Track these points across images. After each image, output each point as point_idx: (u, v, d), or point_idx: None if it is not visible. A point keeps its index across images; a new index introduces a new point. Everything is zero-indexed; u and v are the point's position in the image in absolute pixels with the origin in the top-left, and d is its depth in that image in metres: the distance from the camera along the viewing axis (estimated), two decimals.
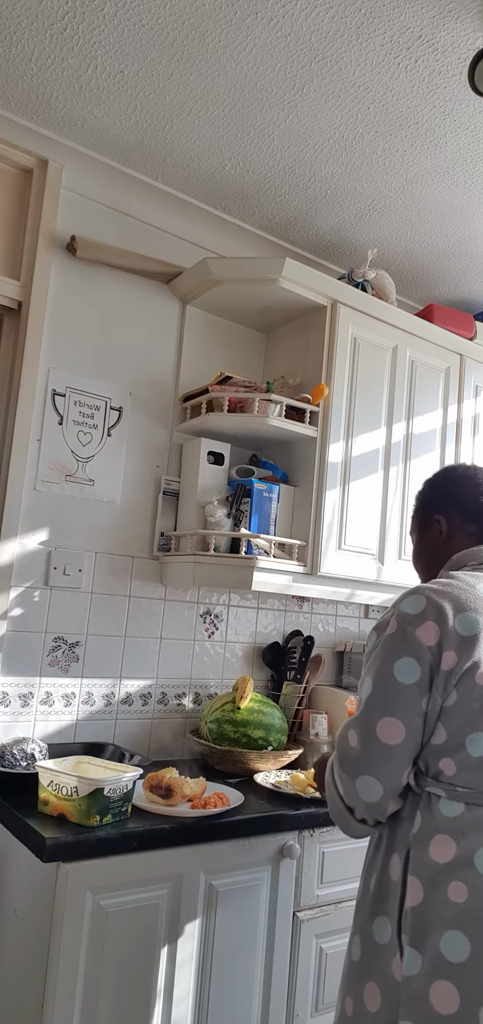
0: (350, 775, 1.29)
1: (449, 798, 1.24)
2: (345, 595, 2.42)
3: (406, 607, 1.30)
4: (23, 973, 1.61)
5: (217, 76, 1.91)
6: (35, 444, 2.21)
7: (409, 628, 1.26)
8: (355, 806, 1.30)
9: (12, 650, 2.14)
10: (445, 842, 1.22)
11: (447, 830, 1.23)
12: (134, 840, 1.60)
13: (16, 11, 1.76)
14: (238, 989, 1.77)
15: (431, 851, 1.23)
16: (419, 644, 1.24)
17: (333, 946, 1.94)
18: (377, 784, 1.26)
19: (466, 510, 1.50)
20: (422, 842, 1.24)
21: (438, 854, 1.22)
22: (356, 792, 1.28)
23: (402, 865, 1.27)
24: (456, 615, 1.26)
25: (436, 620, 1.26)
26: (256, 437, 2.46)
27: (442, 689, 1.23)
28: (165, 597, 2.45)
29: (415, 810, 1.28)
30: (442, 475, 1.60)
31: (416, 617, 1.27)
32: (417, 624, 1.26)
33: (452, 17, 1.66)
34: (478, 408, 2.80)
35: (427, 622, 1.26)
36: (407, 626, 1.27)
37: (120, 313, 2.40)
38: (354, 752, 1.29)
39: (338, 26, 1.71)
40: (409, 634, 1.26)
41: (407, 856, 1.26)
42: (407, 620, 1.28)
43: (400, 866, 1.27)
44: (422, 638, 1.25)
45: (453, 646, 1.23)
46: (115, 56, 1.87)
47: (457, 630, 1.24)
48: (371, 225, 2.55)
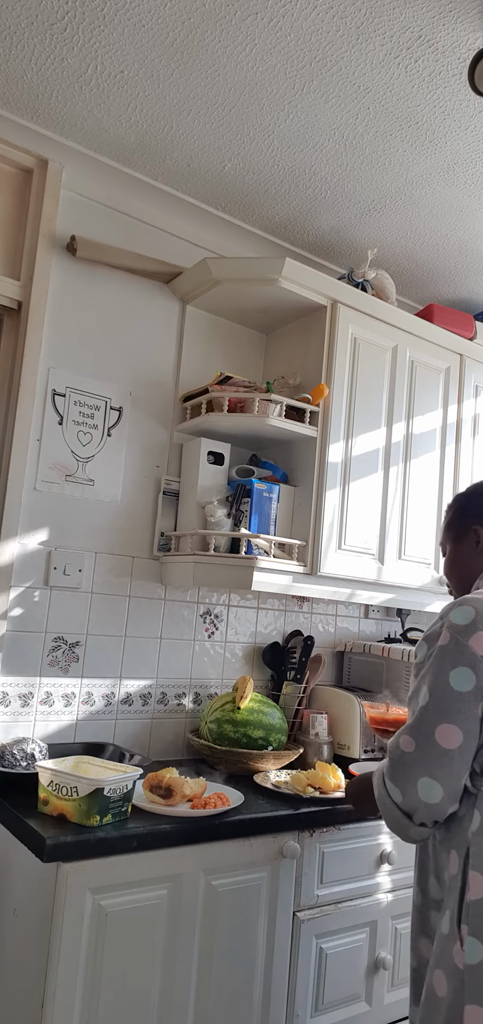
0: (408, 779, 1.34)
1: None
2: (345, 595, 2.42)
3: (456, 618, 1.36)
4: (23, 973, 1.61)
5: (217, 76, 1.91)
6: (35, 444, 2.21)
7: (461, 639, 1.33)
8: (415, 809, 1.34)
9: (12, 650, 2.14)
10: None
11: None
12: (134, 840, 1.60)
13: (16, 11, 1.76)
14: (238, 989, 1.77)
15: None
16: (473, 653, 1.31)
17: (333, 946, 1.94)
18: (437, 786, 1.31)
19: None
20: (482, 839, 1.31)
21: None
22: (417, 795, 1.33)
23: (461, 861, 1.33)
24: None
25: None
26: (256, 437, 2.46)
27: None
28: (165, 597, 2.45)
29: (472, 809, 1.34)
30: (477, 488, 1.66)
31: (467, 627, 1.33)
32: (469, 634, 1.32)
33: (452, 17, 1.66)
34: (478, 408, 2.80)
35: (478, 632, 1.32)
36: (459, 637, 1.33)
37: (120, 313, 2.40)
38: (410, 757, 1.34)
39: (338, 26, 1.71)
40: (462, 644, 1.32)
41: (467, 853, 1.32)
42: (459, 631, 1.34)
43: (459, 862, 1.34)
44: (475, 647, 1.31)
45: None
46: (115, 56, 1.87)
47: None
48: (371, 225, 2.55)
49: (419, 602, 2.62)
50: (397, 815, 1.37)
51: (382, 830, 2.06)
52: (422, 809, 1.33)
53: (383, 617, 3.02)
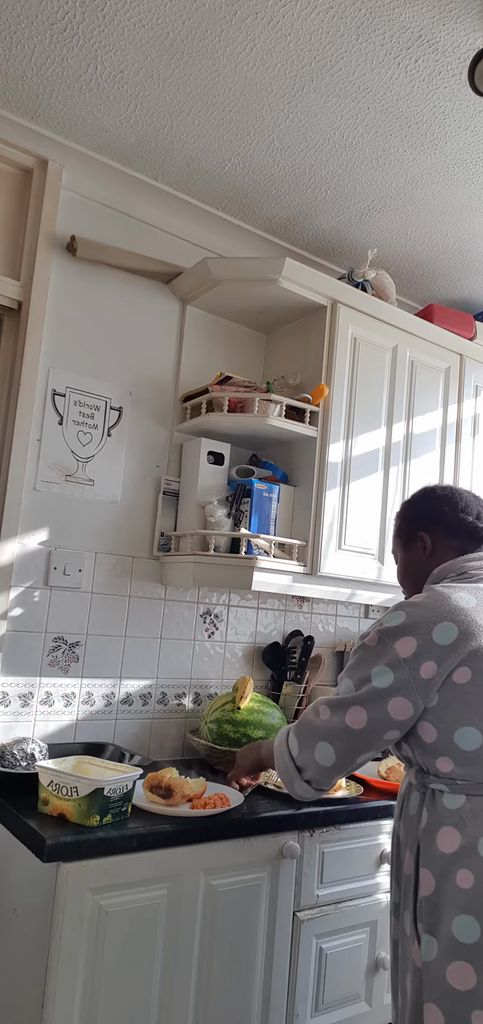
0: (312, 738, 1.45)
1: (451, 791, 1.36)
2: (345, 595, 2.42)
3: (387, 621, 1.44)
4: (23, 973, 1.61)
5: (217, 76, 1.91)
6: (35, 444, 2.21)
7: (388, 641, 1.40)
8: (305, 767, 1.46)
9: (12, 650, 2.14)
10: (450, 833, 1.33)
11: (451, 822, 1.34)
12: (134, 840, 1.60)
13: (16, 11, 1.76)
14: (238, 989, 1.77)
15: (438, 843, 1.34)
16: (394, 655, 1.38)
17: (333, 946, 1.94)
18: (332, 752, 1.42)
19: (449, 527, 1.61)
20: (430, 835, 1.36)
21: (445, 845, 1.33)
22: (313, 754, 1.44)
23: (414, 859, 1.39)
24: (434, 627, 1.38)
25: (414, 634, 1.38)
26: (256, 437, 2.46)
27: (424, 695, 1.36)
28: (165, 597, 2.45)
29: (422, 807, 1.40)
30: (422, 495, 1.71)
31: (395, 631, 1.40)
32: (396, 637, 1.40)
33: (452, 17, 1.66)
34: (478, 408, 2.80)
35: (405, 636, 1.39)
36: (386, 639, 1.41)
37: (120, 313, 2.40)
38: (320, 723, 1.44)
39: (338, 26, 1.71)
40: (387, 646, 1.40)
41: (418, 851, 1.39)
42: (387, 634, 1.41)
43: (413, 860, 1.40)
44: (399, 651, 1.38)
45: (432, 656, 1.36)
46: (115, 56, 1.87)
47: (436, 640, 1.37)
48: (371, 225, 2.55)
49: None
50: (289, 765, 1.48)
51: (382, 830, 2.06)
52: (312, 767, 1.45)
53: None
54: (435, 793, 1.38)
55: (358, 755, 1.42)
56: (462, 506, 1.61)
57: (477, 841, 1.31)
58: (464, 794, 1.34)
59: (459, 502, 1.62)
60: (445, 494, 1.65)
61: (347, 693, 1.43)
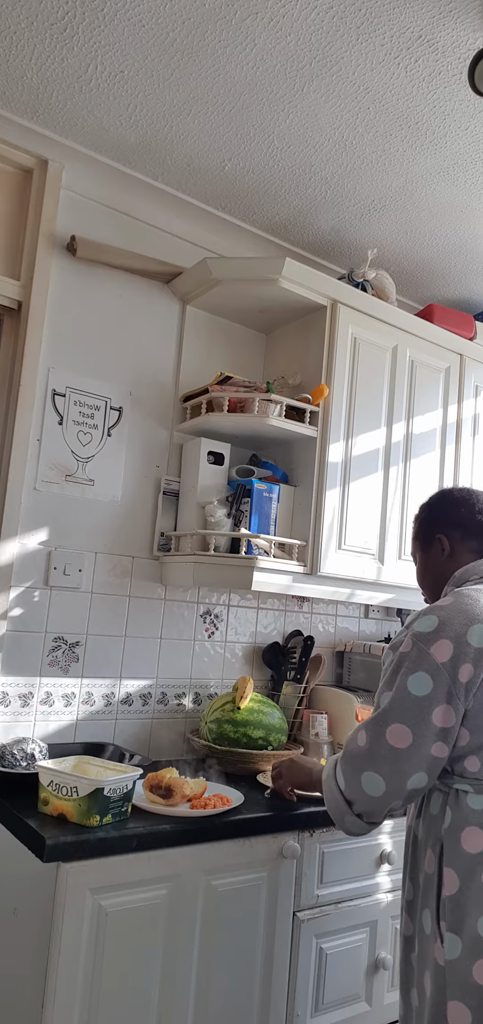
0: (356, 770, 1.40)
1: (476, 792, 1.35)
2: (345, 595, 2.42)
3: (419, 626, 1.41)
4: (23, 973, 1.61)
5: (217, 76, 1.91)
6: (35, 444, 2.21)
7: (423, 646, 1.38)
8: (356, 800, 1.42)
9: (12, 650, 2.14)
10: (475, 833, 1.33)
11: (476, 822, 1.34)
12: (134, 840, 1.60)
13: (16, 11, 1.76)
14: (238, 989, 1.77)
15: (463, 843, 1.34)
16: (432, 661, 1.36)
17: (333, 946, 1.94)
18: (381, 781, 1.37)
19: (466, 528, 1.61)
20: (454, 835, 1.36)
21: (470, 845, 1.33)
22: (360, 786, 1.39)
23: (437, 859, 1.38)
24: (468, 628, 1.37)
25: (449, 637, 1.37)
26: (256, 437, 2.46)
27: (463, 699, 1.34)
28: (165, 597, 2.45)
29: (445, 807, 1.39)
30: (440, 497, 1.72)
31: (429, 635, 1.38)
32: (431, 642, 1.38)
33: (452, 17, 1.66)
34: (478, 408, 2.80)
35: (440, 640, 1.37)
36: (422, 644, 1.38)
37: (120, 313, 2.40)
38: (361, 750, 1.40)
39: (338, 26, 1.71)
40: (423, 651, 1.37)
41: (441, 850, 1.37)
42: (421, 639, 1.39)
43: (435, 860, 1.39)
44: (436, 655, 1.36)
45: (469, 659, 1.35)
46: (115, 56, 1.87)
47: (470, 643, 1.36)
48: (371, 225, 2.55)
49: (419, 602, 2.58)
50: (339, 799, 1.44)
51: (382, 830, 2.06)
52: (362, 800, 1.40)
53: (383, 617, 3.02)
54: (459, 793, 1.37)
55: (408, 777, 1.36)
56: (479, 507, 1.62)
57: None
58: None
59: (476, 503, 1.63)
60: (462, 496, 1.67)
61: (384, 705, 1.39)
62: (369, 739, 1.39)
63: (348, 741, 1.46)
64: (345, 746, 1.46)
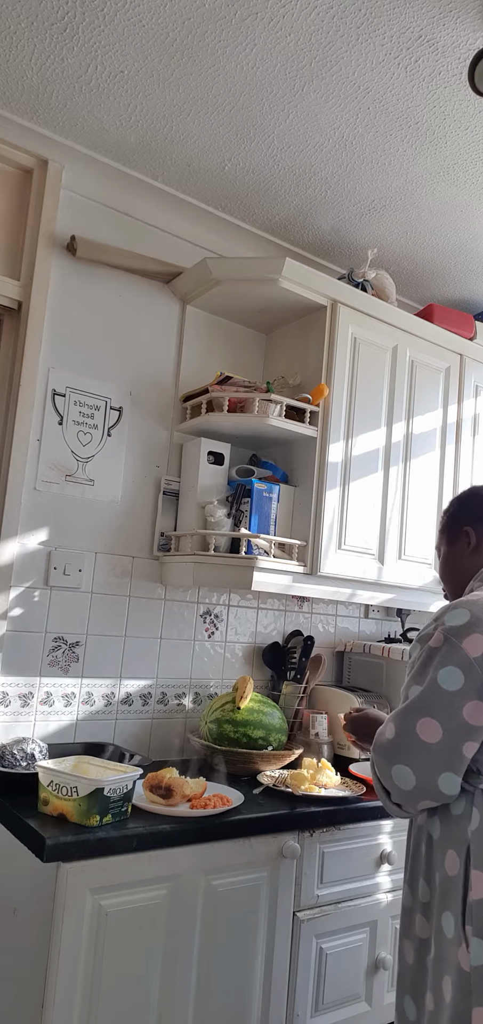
0: (387, 762, 1.36)
1: None
2: (345, 595, 2.42)
3: (451, 620, 1.37)
4: (23, 973, 1.61)
5: (217, 76, 1.91)
6: (35, 444, 2.21)
7: (455, 640, 1.34)
8: (391, 790, 1.37)
9: (12, 650, 2.14)
10: None
11: None
12: (134, 840, 1.60)
13: (16, 11, 1.76)
14: (238, 989, 1.77)
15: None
16: (464, 655, 1.32)
17: (333, 946, 1.94)
18: (411, 775, 1.33)
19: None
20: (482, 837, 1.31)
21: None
22: (392, 778, 1.35)
23: (462, 861, 1.33)
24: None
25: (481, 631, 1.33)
26: (256, 437, 2.46)
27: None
28: (165, 597, 2.45)
29: (471, 807, 1.34)
30: (470, 492, 1.72)
31: (461, 629, 1.35)
32: (463, 636, 1.34)
33: (452, 17, 1.66)
34: (478, 408, 2.80)
35: (473, 634, 1.33)
36: (453, 638, 1.34)
37: (120, 313, 2.40)
38: (389, 743, 1.36)
39: (338, 26, 1.71)
40: (455, 645, 1.34)
41: (468, 852, 1.33)
42: (453, 632, 1.35)
43: (459, 862, 1.34)
44: (468, 649, 1.32)
45: None
46: (115, 56, 1.87)
47: None
48: (371, 225, 2.55)
49: (419, 602, 2.62)
50: (378, 786, 1.41)
51: (382, 830, 2.06)
52: (396, 792, 1.36)
53: (383, 617, 3.02)
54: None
55: (438, 775, 1.31)
56: None
57: None
58: None
59: None
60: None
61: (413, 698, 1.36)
62: (398, 731, 1.35)
63: (380, 730, 1.41)
64: (376, 736, 1.42)
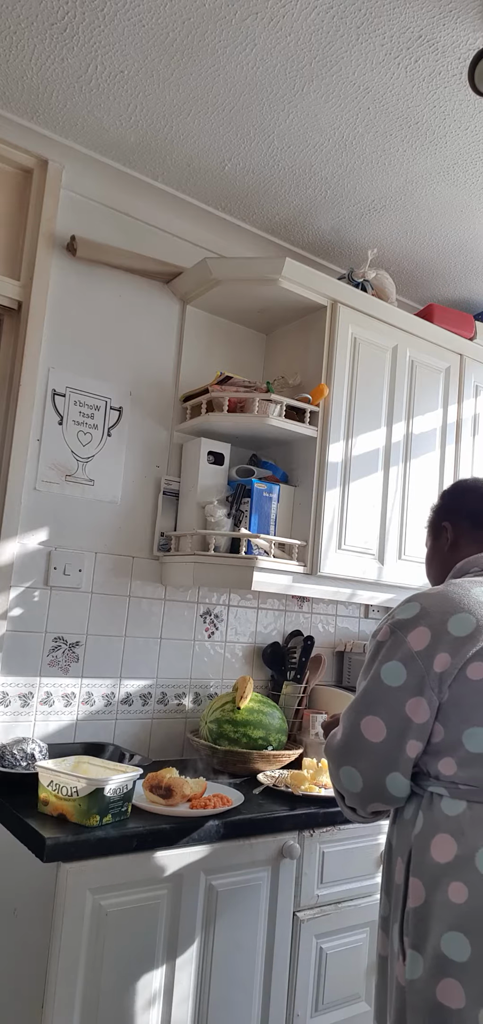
0: (334, 764, 1.34)
1: (451, 796, 1.24)
2: (345, 595, 2.42)
3: (399, 614, 1.33)
4: (23, 973, 1.61)
5: (217, 76, 1.91)
6: (35, 444, 2.21)
7: (400, 633, 1.30)
8: (342, 792, 1.35)
9: (12, 650, 2.14)
10: (446, 841, 1.22)
11: (448, 829, 1.22)
12: (134, 840, 1.60)
13: (16, 11, 1.76)
14: (238, 989, 1.77)
15: (432, 851, 1.23)
16: (408, 649, 1.27)
17: (333, 946, 1.94)
18: (358, 776, 1.30)
19: (474, 519, 1.54)
20: (423, 842, 1.25)
21: (439, 854, 1.22)
22: (341, 780, 1.33)
23: (405, 868, 1.28)
24: (450, 617, 1.28)
25: (428, 624, 1.28)
26: (256, 437, 2.46)
27: (437, 690, 1.25)
28: (165, 597, 2.45)
29: (418, 811, 1.29)
30: (453, 486, 1.68)
31: (408, 623, 1.30)
32: (409, 629, 1.29)
33: (452, 17, 1.66)
34: (478, 408, 2.80)
35: (419, 627, 1.28)
36: (399, 632, 1.30)
37: (120, 313, 2.40)
38: (337, 744, 1.33)
39: (338, 26, 1.71)
40: (399, 639, 1.29)
41: (409, 858, 1.27)
42: (399, 626, 1.31)
43: (403, 868, 1.28)
44: (412, 643, 1.27)
45: (446, 648, 1.25)
46: (115, 56, 1.87)
47: (450, 631, 1.26)
48: (371, 225, 2.55)
49: None
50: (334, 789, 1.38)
51: (382, 830, 2.06)
52: (347, 795, 1.33)
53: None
54: (433, 797, 1.26)
55: (385, 775, 1.27)
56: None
57: (475, 852, 1.19)
58: (465, 800, 1.22)
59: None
60: (474, 485, 1.61)
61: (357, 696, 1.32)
62: (344, 731, 1.31)
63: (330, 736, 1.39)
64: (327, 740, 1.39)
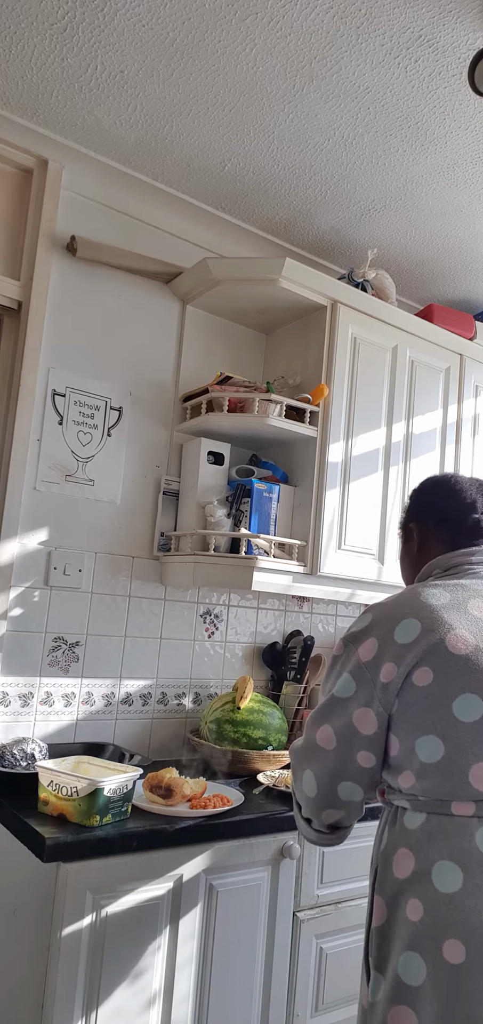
0: (299, 767, 1.32)
1: (413, 809, 1.20)
2: (345, 595, 2.42)
3: (354, 626, 1.31)
4: (23, 973, 1.61)
5: (217, 76, 1.91)
6: (35, 444, 2.21)
7: (352, 646, 1.27)
8: (301, 801, 1.33)
9: (12, 650, 2.14)
10: (405, 856, 1.17)
11: (408, 843, 1.18)
12: (134, 840, 1.60)
13: (16, 11, 1.76)
14: (238, 989, 1.77)
15: (394, 867, 1.19)
16: (357, 661, 1.25)
17: (333, 946, 1.94)
18: (314, 781, 1.28)
19: (437, 516, 1.46)
20: (387, 859, 1.21)
21: (399, 870, 1.18)
22: (302, 784, 1.31)
23: (372, 885, 1.24)
24: (396, 624, 1.24)
25: (376, 635, 1.25)
26: (256, 437, 2.46)
27: (383, 701, 1.21)
28: (165, 597, 2.45)
29: (385, 826, 1.26)
30: (419, 485, 1.57)
31: (359, 634, 1.28)
32: (360, 642, 1.27)
33: (452, 17, 1.66)
34: (478, 408, 2.80)
35: (369, 639, 1.25)
36: (351, 644, 1.28)
37: (120, 313, 2.40)
38: (298, 750, 1.33)
39: (338, 26, 1.71)
40: (351, 652, 1.27)
41: (376, 875, 1.24)
42: (352, 639, 1.29)
43: (370, 887, 1.26)
44: (361, 655, 1.25)
45: (391, 657, 1.21)
46: (115, 56, 1.87)
47: (396, 639, 1.22)
48: (371, 225, 2.55)
49: None
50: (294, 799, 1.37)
51: None
52: (304, 802, 1.31)
53: None
54: (398, 811, 1.22)
55: (336, 783, 1.25)
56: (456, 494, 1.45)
57: (432, 867, 1.13)
58: (425, 812, 1.17)
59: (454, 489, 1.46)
60: (441, 481, 1.51)
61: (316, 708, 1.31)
62: (304, 740, 1.31)
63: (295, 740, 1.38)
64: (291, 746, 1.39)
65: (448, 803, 1.15)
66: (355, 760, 1.23)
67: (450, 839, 1.14)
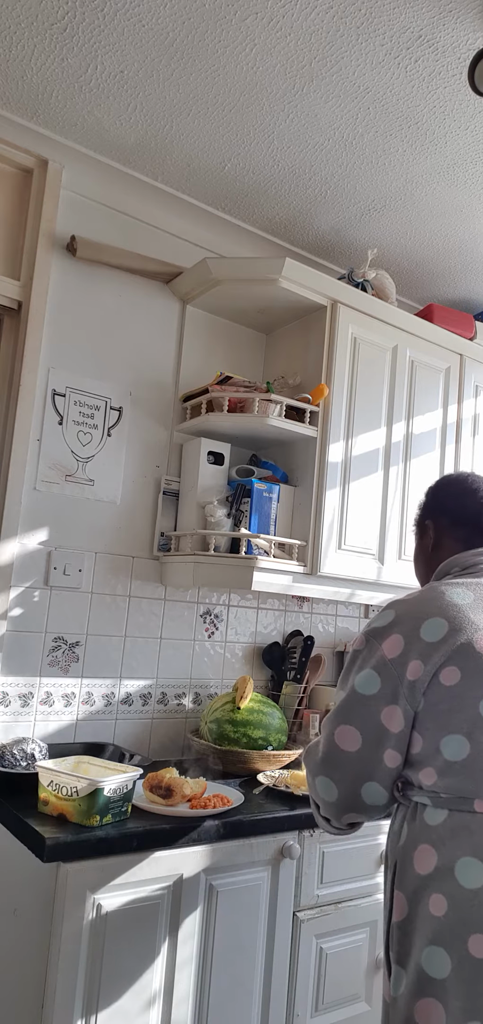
0: (311, 772, 1.32)
1: (434, 806, 1.21)
2: (345, 595, 2.42)
3: (375, 622, 1.31)
4: (23, 973, 1.61)
5: (217, 76, 1.91)
6: (35, 444, 2.21)
7: (375, 642, 1.27)
8: (318, 802, 1.34)
9: (12, 650, 2.14)
10: (427, 852, 1.19)
11: (429, 839, 1.19)
12: (134, 840, 1.60)
13: (16, 11, 1.76)
14: (238, 989, 1.77)
15: (415, 863, 1.20)
16: (381, 657, 1.25)
17: (333, 946, 1.94)
18: (333, 786, 1.28)
19: (454, 515, 1.48)
20: (407, 854, 1.22)
21: (421, 865, 1.19)
22: (316, 790, 1.31)
23: (391, 880, 1.26)
24: (422, 623, 1.25)
25: (402, 632, 1.25)
26: (256, 437, 2.46)
27: (410, 699, 1.22)
28: (165, 597, 2.45)
29: (403, 822, 1.26)
30: (436, 482, 1.60)
31: (383, 630, 1.28)
32: (383, 637, 1.27)
33: (452, 17, 1.66)
34: (478, 408, 2.80)
35: (393, 635, 1.26)
36: (374, 640, 1.28)
37: (120, 313, 2.40)
38: (314, 752, 1.33)
39: (338, 26, 1.71)
40: (374, 647, 1.27)
41: (395, 870, 1.25)
42: (374, 634, 1.29)
43: (389, 882, 1.27)
44: (386, 651, 1.25)
45: (418, 655, 1.22)
46: (115, 56, 1.87)
47: (422, 638, 1.23)
48: (371, 225, 2.55)
49: None
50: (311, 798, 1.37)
51: (382, 830, 2.06)
52: (322, 804, 1.32)
53: None
54: (417, 807, 1.23)
55: (360, 785, 1.25)
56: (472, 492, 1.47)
57: (455, 863, 1.15)
58: (447, 809, 1.19)
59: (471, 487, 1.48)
60: (457, 479, 1.54)
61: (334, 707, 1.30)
62: (322, 741, 1.30)
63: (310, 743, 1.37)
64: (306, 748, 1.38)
65: (470, 800, 1.17)
66: (382, 760, 1.24)
67: (473, 836, 1.15)
